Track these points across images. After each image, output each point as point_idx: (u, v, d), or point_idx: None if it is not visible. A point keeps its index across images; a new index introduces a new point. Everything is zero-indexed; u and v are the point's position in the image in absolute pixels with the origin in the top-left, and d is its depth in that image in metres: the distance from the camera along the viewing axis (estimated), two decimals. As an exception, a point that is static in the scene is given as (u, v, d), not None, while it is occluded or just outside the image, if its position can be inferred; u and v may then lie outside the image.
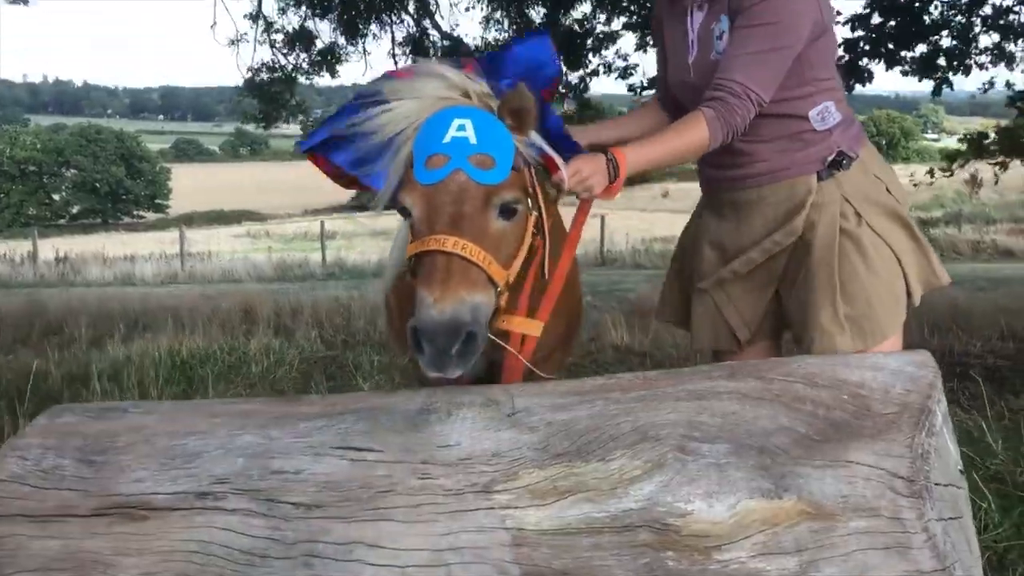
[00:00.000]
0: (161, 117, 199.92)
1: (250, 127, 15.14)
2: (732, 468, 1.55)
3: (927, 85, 8.59)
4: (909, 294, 2.25)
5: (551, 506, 1.51)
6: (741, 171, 2.30)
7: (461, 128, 1.80)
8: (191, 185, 65.83)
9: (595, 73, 10.30)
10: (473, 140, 1.79)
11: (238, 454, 1.57)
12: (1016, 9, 8.07)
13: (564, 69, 10.01)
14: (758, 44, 2.08)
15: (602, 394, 1.70)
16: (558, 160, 1.94)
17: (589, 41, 10.12)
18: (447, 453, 1.57)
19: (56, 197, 59.46)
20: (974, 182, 34.60)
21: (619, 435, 1.59)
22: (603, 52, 10.26)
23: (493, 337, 1.84)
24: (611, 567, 1.48)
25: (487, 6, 10.78)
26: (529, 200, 1.91)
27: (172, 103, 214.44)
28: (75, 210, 59.93)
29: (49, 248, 24.22)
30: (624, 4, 9.65)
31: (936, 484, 1.58)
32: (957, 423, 1.51)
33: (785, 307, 2.35)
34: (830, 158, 2.23)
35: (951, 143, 9.29)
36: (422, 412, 1.65)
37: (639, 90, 9.75)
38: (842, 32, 8.10)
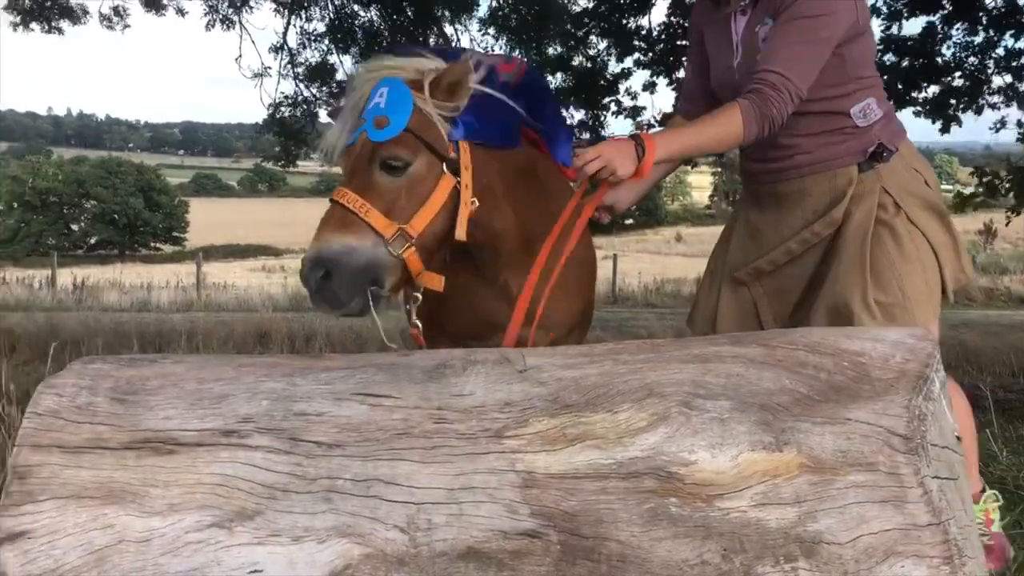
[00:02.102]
0: (181, 152, 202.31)
1: (269, 164, 15.45)
2: (734, 422, 1.62)
3: (942, 137, 8.68)
4: (944, 289, 2.28)
5: (560, 452, 1.58)
6: (783, 163, 2.35)
7: (380, 95, 2.02)
8: (209, 219, 66.29)
9: (606, 108, 10.44)
10: (383, 105, 2.00)
11: (263, 397, 1.64)
12: (1029, 52, 8.19)
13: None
14: (796, 37, 2.14)
15: (611, 356, 1.77)
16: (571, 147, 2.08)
17: (602, 81, 10.28)
18: (461, 401, 1.63)
19: (75, 228, 60.04)
20: (988, 232, 34.59)
21: (626, 391, 1.65)
22: (615, 92, 10.41)
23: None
24: (616, 511, 1.54)
25: (506, 45, 10.98)
26: (445, 164, 2.06)
27: (192, 138, 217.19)
28: (93, 240, 60.47)
29: (67, 275, 24.45)
30: (635, 44, 9.84)
31: (932, 444, 1.64)
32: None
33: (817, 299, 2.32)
34: (870, 150, 2.27)
35: (966, 192, 9.35)
36: (439, 367, 1.72)
37: (647, 127, 9.88)
38: None
